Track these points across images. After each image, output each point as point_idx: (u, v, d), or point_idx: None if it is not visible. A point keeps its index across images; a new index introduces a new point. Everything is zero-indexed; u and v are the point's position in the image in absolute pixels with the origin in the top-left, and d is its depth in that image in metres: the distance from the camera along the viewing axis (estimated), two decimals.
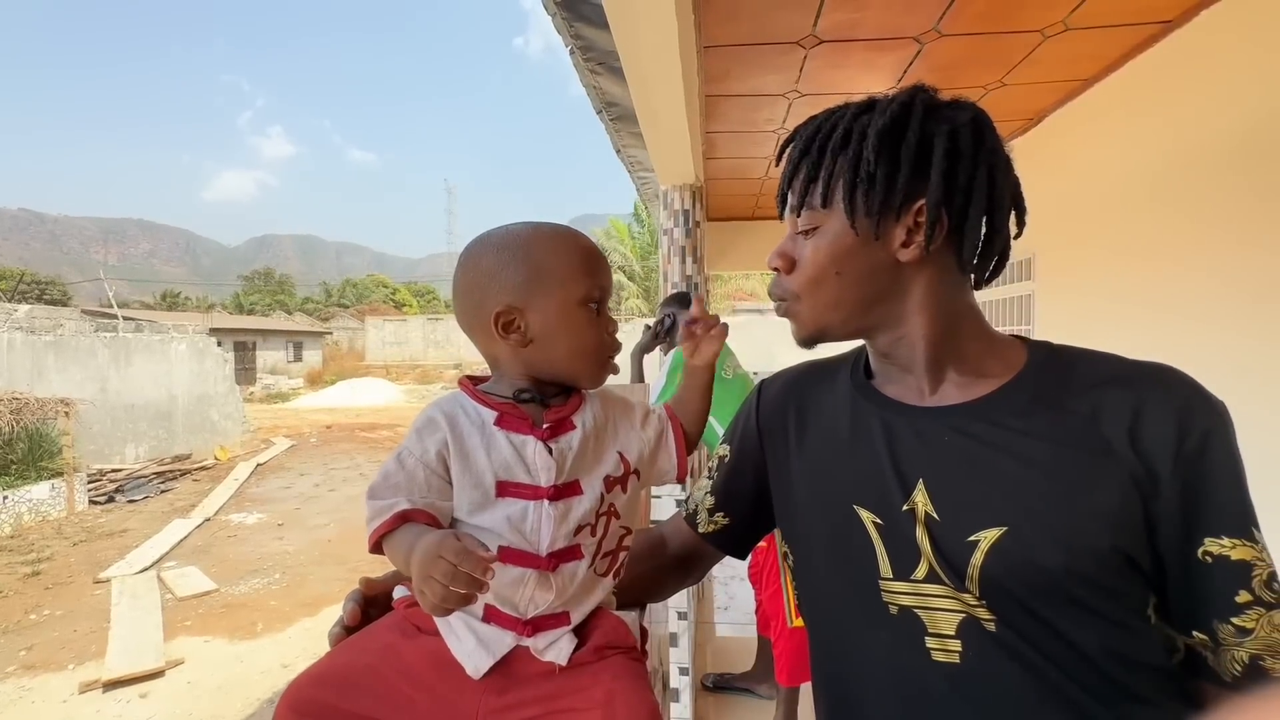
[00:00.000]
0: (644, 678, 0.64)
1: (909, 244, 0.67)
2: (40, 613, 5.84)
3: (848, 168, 0.67)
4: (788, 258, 0.73)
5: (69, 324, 10.82)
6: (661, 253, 4.31)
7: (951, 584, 0.62)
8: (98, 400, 10.59)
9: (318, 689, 0.60)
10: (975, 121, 0.67)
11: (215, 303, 53.62)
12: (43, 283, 40.86)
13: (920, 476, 0.66)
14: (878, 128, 0.65)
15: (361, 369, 29.03)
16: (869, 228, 0.66)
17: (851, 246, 0.68)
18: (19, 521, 8.29)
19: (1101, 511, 0.59)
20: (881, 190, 0.65)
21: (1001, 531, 0.60)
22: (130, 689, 4.52)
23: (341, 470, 11.60)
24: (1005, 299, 4.18)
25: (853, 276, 0.69)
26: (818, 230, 0.70)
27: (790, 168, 0.73)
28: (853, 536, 0.69)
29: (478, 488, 0.63)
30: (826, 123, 0.71)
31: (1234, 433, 0.61)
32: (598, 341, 0.68)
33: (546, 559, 0.62)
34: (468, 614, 0.63)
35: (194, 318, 23.32)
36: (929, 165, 0.65)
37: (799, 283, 0.72)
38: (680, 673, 2.25)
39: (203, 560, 7.02)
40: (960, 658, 0.62)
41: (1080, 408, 0.63)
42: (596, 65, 3.00)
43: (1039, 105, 3.42)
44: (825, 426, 0.77)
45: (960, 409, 0.67)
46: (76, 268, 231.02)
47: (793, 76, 3.02)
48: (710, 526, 0.88)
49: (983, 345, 0.70)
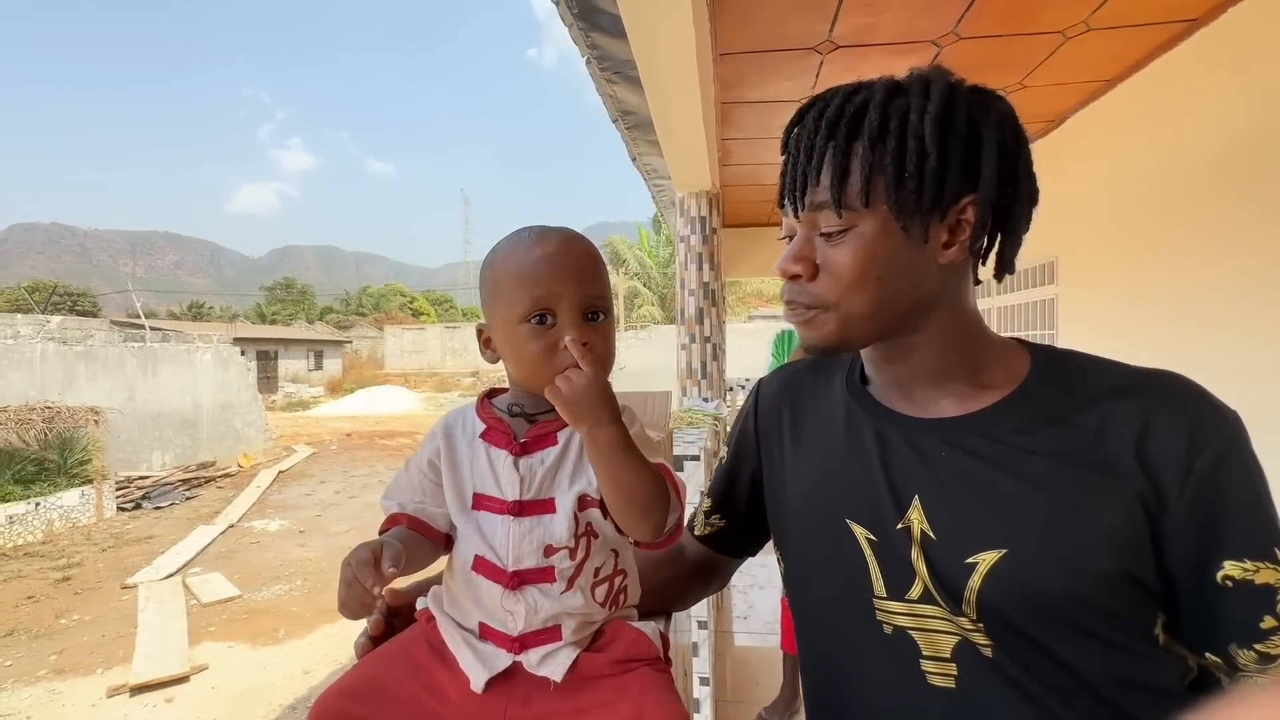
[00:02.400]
0: (671, 689, 0.63)
1: (951, 244, 0.61)
2: (70, 617, 5.96)
3: (891, 160, 0.59)
4: (809, 262, 0.63)
5: (98, 334, 11.08)
6: (679, 260, 4.32)
7: (947, 606, 0.59)
8: (126, 409, 10.83)
9: (346, 701, 0.61)
10: (1013, 113, 0.63)
11: (239, 313, 54.70)
12: (74, 294, 41.99)
13: (916, 493, 0.62)
14: (930, 115, 0.58)
15: (380, 377, 29.34)
16: (916, 226, 0.60)
17: (896, 249, 0.61)
18: (50, 528, 8.48)
19: (1106, 533, 0.55)
20: (933, 186, 0.58)
21: (1001, 554, 0.57)
22: (156, 694, 4.59)
23: (361, 477, 11.71)
24: (1028, 303, 4.12)
25: (893, 281, 0.61)
26: (851, 231, 0.61)
27: (810, 159, 0.62)
28: (845, 552, 0.66)
29: (458, 497, 0.66)
30: (849, 105, 0.61)
31: (1250, 446, 0.57)
32: (540, 356, 0.63)
33: (510, 576, 0.62)
34: (465, 631, 0.64)
35: (218, 327, 23.81)
36: (979, 159, 0.59)
37: (833, 290, 0.62)
38: (701, 683, 2.23)
39: (226, 566, 7.13)
40: (955, 682, 0.59)
41: (1085, 421, 0.59)
42: (613, 74, 3.02)
43: (1060, 107, 3.37)
44: (820, 433, 0.74)
45: (959, 422, 0.63)
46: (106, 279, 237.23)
47: (808, 82, 3.02)
48: (706, 529, 0.87)
49: (989, 353, 0.66)
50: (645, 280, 25.46)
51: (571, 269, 0.64)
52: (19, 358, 9.55)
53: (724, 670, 3.17)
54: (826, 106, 0.63)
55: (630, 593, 0.70)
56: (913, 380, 0.67)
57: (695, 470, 2.26)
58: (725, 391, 4.63)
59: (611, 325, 0.68)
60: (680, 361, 4.29)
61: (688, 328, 4.24)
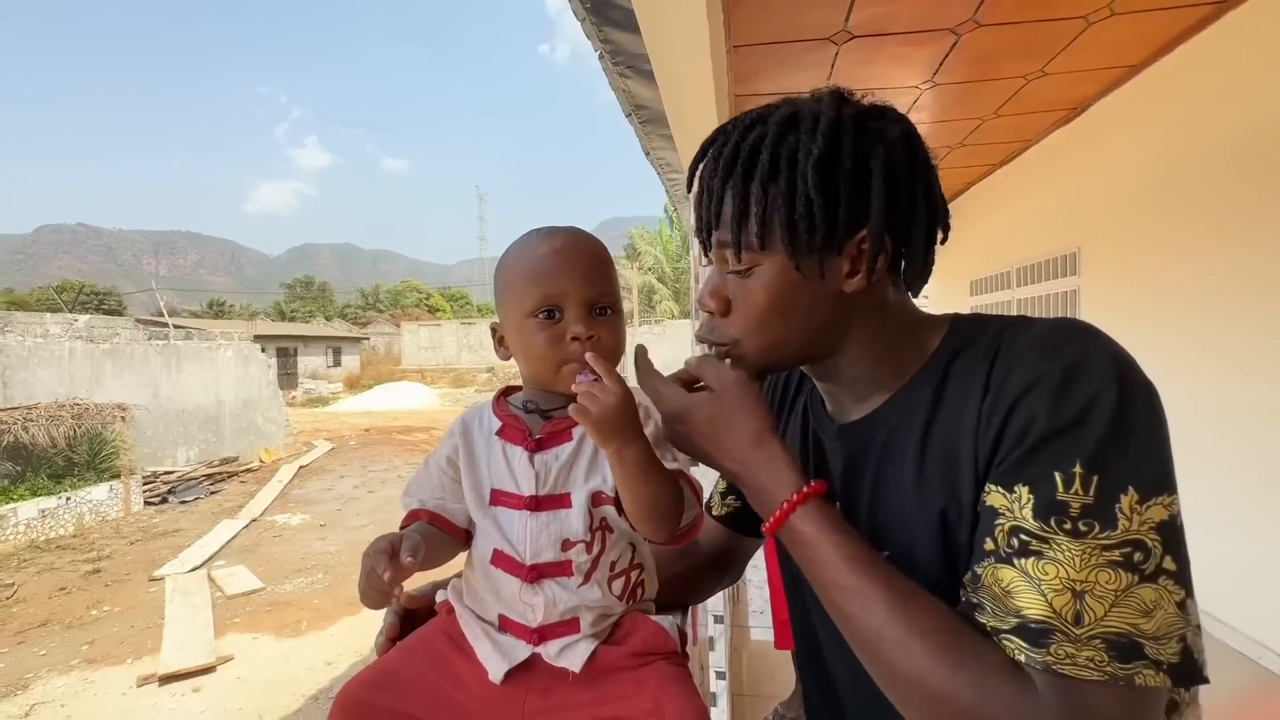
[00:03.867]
0: (689, 683, 0.64)
1: (854, 273, 0.61)
2: (100, 609, 6.12)
3: (783, 203, 0.59)
4: (721, 298, 0.65)
5: (124, 333, 11.32)
6: (692, 255, 4.30)
7: None
8: (151, 405, 11.06)
9: (369, 691, 0.63)
10: (906, 135, 0.62)
11: (259, 310, 55.55)
12: (100, 294, 42.93)
13: (837, 494, 0.67)
14: (814, 157, 0.58)
15: (398, 373, 29.66)
16: (813, 265, 0.60)
17: (794, 285, 0.61)
18: (80, 521, 8.71)
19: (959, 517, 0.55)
20: (823, 225, 0.59)
21: (884, 555, 0.59)
22: (184, 683, 4.70)
23: (380, 472, 11.87)
24: (1048, 295, 4.05)
25: (797, 316, 0.63)
26: (754, 271, 0.62)
27: (710, 199, 0.64)
28: None
29: (476, 493, 0.68)
30: (744, 143, 0.62)
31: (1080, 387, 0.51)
32: (547, 349, 0.65)
33: (528, 570, 0.64)
34: (485, 623, 0.66)
35: (239, 325, 24.19)
36: (868, 192, 0.59)
37: (739, 327, 0.64)
38: (717, 676, 2.24)
39: (250, 560, 7.27)
40: None
41: (953, 403, 0.58)
42: (626, 69, 3.01)
43: (1082, 94, 3.30)
44: (790, 428, 0.79)
45: (854, 427, 0.66)
46: (130, 279, 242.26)
47: (823, 74, 2.98)
48: (723, 509, 0.90)
49: (913, 348, 0.64)
50: (660, 275, 25.45)
51: (578, 266, 0.66)
52: (49, 356, 9.78)
53: (740, 664, 3.17)
54: (726, 143, 0.64)
55: (648, 586, 0.70)
56: (845, 391, 0.68)
57: None
58: None
59: (619, 321, 0.69)
60: (695, 355, 4.28)
61: None
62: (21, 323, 9.54)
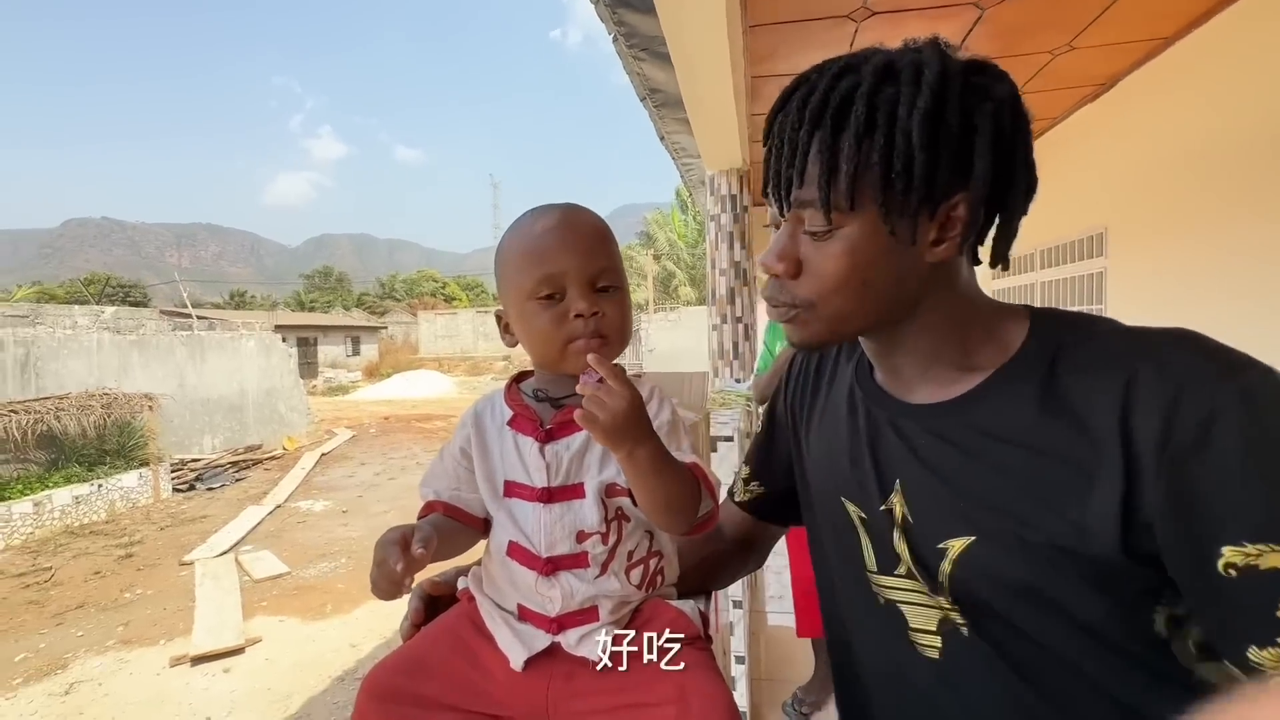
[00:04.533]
0: (714, 667, 0.63)
1: (940, 241, 0.57)
2: (134, 591, 6.31)
3: (879, 159, 0.54)
4: (792, 260, 0.61)
5: (149, 324, 11.56)
6: (709, 239, 4.26)
7: (926, 584, 0.61)
8: (177, 395, 11.30)
9: (395, 676, 0.63)
10: (1013, 94, 0.57)
11: (279, 301, 56.35)
12: (126, 286, 43.79)
13: (898, 477, 0.63)
14: (919, 110, 0.53)
15: (415, 362, 29.96)
16: (906, 229, 0.56)
17: (880, 250, 0.57)
18: (112, 508, 8.95)
19: (1080, 526, 0.52)
20: (923, 186, 0.54)
21: (969, 541, 0.57)
22: (215, 664, 4.84)
23: (399, 459, 12.04)
24: (1074, 277, 3.96)
25: (877, 282, 0.59)
26: (837, 232, 0.58)
27: (793, 153, 0.58)
28: (844, 528, 0.69)
29: (489, 484, 0.67)
30: (833, 92, 0.57)
31: (1261, 409, 0.47)
32: (551, 330, 0.64)
33: (544, 562, 0.63)
34: (504, 612, 0.66)
35: (260, 315, 24.56)
36: (971, 152, 0.55)
37: (814, 291, 0.60)
38: (736, 661, 2.25)
39: (275, 545, 7.44)
40: (940, 654, 0.61)
41: (1069, 401, 0.55)
42: (640, 51, 2.97)
43: (1112, 69, 3.19)
44: (830, 409, 0.75)
45: (941, 408, 0.62)
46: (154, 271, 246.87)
47: (842, 52, 2.91)
48: (746, 495, 0.89)
49: (981, 332, 0.62)
50: (676, 260, 25.34)
51: (574, 242, 0.64)
52: (78, 347, 10.02)
53: (758, 649, 3.18)
54: (811, 93, 0.58)
55: (668, 573, 0.70)
56: (903, 366, 0.66)
57: (730, 451, 2.26)
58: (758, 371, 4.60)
59: (624, 297, 0.67)
60: (713, 342, 4.26)
61: (719, 308, 4.20)
62: (51, 315, 9.78)
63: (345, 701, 4.32)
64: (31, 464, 8.62)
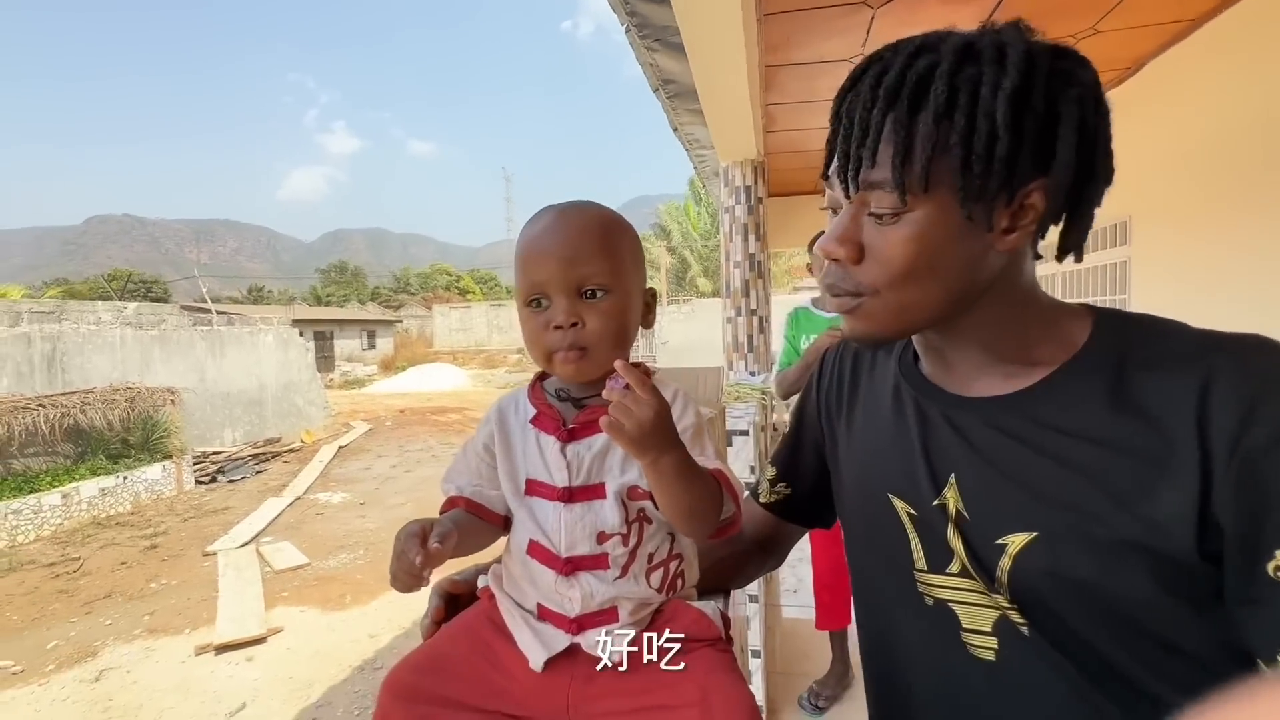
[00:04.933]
0: (735, 670, 0.63)
1: (1012, 230, 0.55)
2: (159, 581, 6.45)
3: (959, 141, 0.52)
4: (854, 244, 0.58)
5: (170, 319, 11.74)
6: (723, 231, 4.24)
7: (983, 582, 0.59)
8: (198, 389, 11.49)
9: (416, 675, 0.63)
10: (1096, 81, 0.55)
11: (295, 295, 56.99)
12: (147, 282, 44.56)
13: (953, 471, 0.61)
14: (1005, 91, 0.51)
15: (430, 355, 30.20)
16: (982, 214, 0.54)
17: (952, 235, 0.55)
18: (137, 499, 9.15)
19: (1152, 523, 0.51)
20: (1003, 171, 0.52)
21: (1030, 537, 0.56)
22: (238, 653, 4.94)
23: (415, 452, 12.16)
24: (1096, 267, 3.88)
25: (946, 270, 0.56)
26: (906, 216, 0.55)
27: (864, 134, 0.56)
28: (888, 525, 0.66)
29: (511, 482, 0.67)
30: (911, 71, 0.54)
31: None
32: (536, 338, 0.65)
33: (564, 562, 0.63)
34: (524, 611, 0.65)
35: (277, 310, 24.86)
36: (1054, 139, 0.53)
37: (878, 277, 0.57)
38: (753, 655, 2.25)
39: (295, 536, 7.56)
40: (996, 655, 0.59)
41: (1140, 398, 0.54)
42: (653, 42, 2.94)
43: (1137, 52, 3.12)
44: (871, 405, 0.73)
45: (1002, 401, 0.60)
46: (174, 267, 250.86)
47: (858, 40, 2.87)
48: (771, 496, 0.87)
49: (1042, 327, 0.61)
50: (690, 251, 25.25)
51: (558, 248, 0.63)
52: (101, 342, 10.21)
53: (774, 643, 3.18)
54: (885, 71, 0.56)
55: (688, 575, 0.69)
56: (959, 361, 0.64)
57: (744, 445, 2.25)
58: (772, 365, 4.57)
59: (614, 302, 0.64)
60: (727, 335, 4.24)
61: (733, 301, 4.18)
62: (75, 311, 9.97)
63: (365, 690, 4.39)
64: (59, 457, 8.82)
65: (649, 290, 0.70)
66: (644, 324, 0.69)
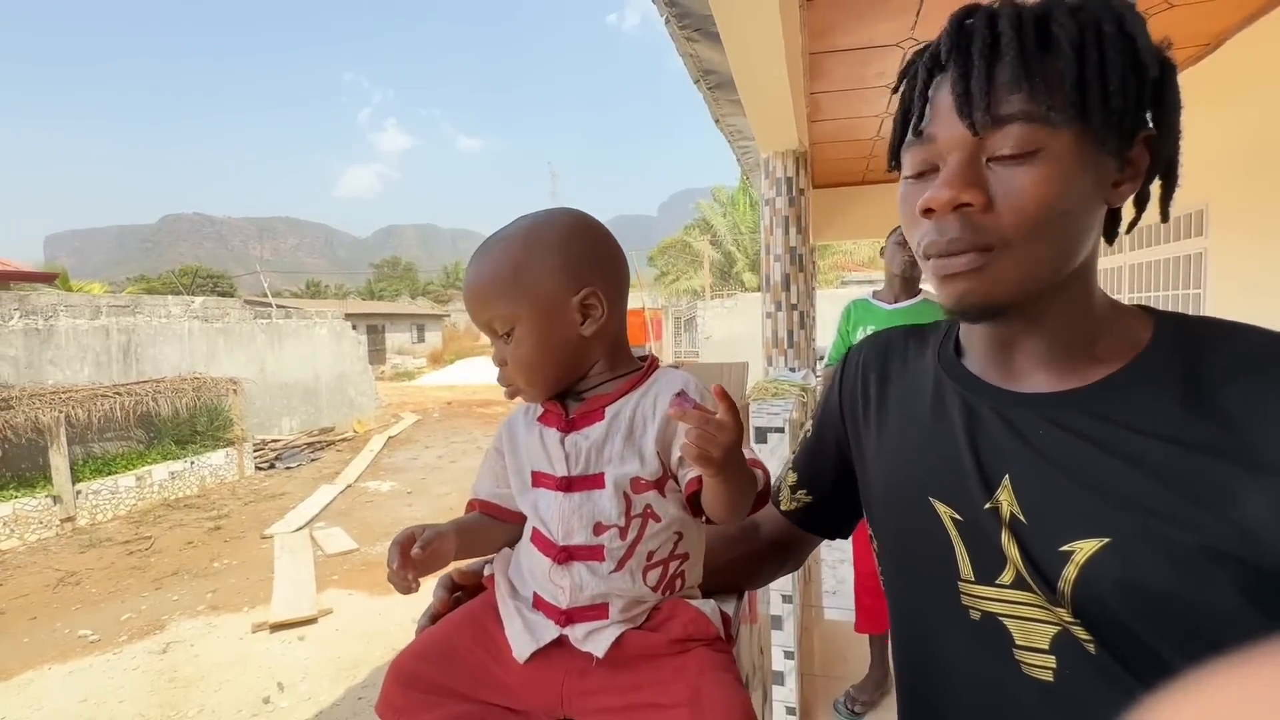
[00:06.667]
0: (731, 670, 0.61)
1: (1120, 184, 0.54)
2: (221, 561, 6.80)
3: (1096, 70, 0.50)
4: (980, 189, 0.51)
5: (234, 313, 12.32)
6: (763, 224, 4.15)
7: (1043, 594, 0.53)
8: (258, 379, 12.04)
9: (419, 663, 0.65)
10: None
11: (350, 290, 59.15)
12: (215, 277, 47.06)
13: (1007, 472, 0.57)
14: (1131, 30, 0.51)
15: (477, 349, 30.85)
16: (1112, 154, 0.52)
17: (1085, 179, 0.52)
18: (203, 483, 9.68)
19: (1235, 530, 0.46)
20: (1133, 110, 0.51)
21: (1102, 544, 0.50)
22: (291, 632, 5.16)
23: (461, 444, 12.45)
24: (1166, 259, 3.63)
25: (1077, 221, 0.53)
26: (1041, 153, 0.50)
27: (989, 65, 0.51)
28: (929, 532, 0.61)
29: (519, 477, 0.69)
30: (1022, 15, 0.52)
31: None
32: None
33: (559, 550, 0.63)
34: (520, 600, 0.66)
35: (332, 304, 25.83)
36: (1164, 89, 0.53)
37: (1015, 223, 0.51)
38: (785, 656, 2.20)
39: (345, 522, 7.84)
40: (1054, 675, 0.54)
41: (1219, 400, 0.50)
42: (693, 32, 2.90)
43: (1218, 27, 2.89)
44: (905, 404, 0.69)
45: (1061, 397, 0.56)
46: (239, 263, 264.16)
47: (908, 22, 2.75)
48: (792, 504, 0.83)
49: (1105, 322, 0.58)
50: (737, 245, 25.00)
51: (469, 296, 0.67)
52: (171, 334, 10.82)
53: (810, 644, 3.12)
54: (994, 15, 0.53)
55: (689, 576, 0.67)
56: (1019, 351, 0.59)
57: (780, 442, 2.20)
58: (814, 361, 4.47)
59: (525, 334, 0.65)
60: (766, 330, 4.16)
61: (774, 295, 4.10)
62: (148, 305, 10.57)
63: None
64: (133, 442, 9.40)
65: (587, 292, 0.65)
66: (587, 329, 0.65)
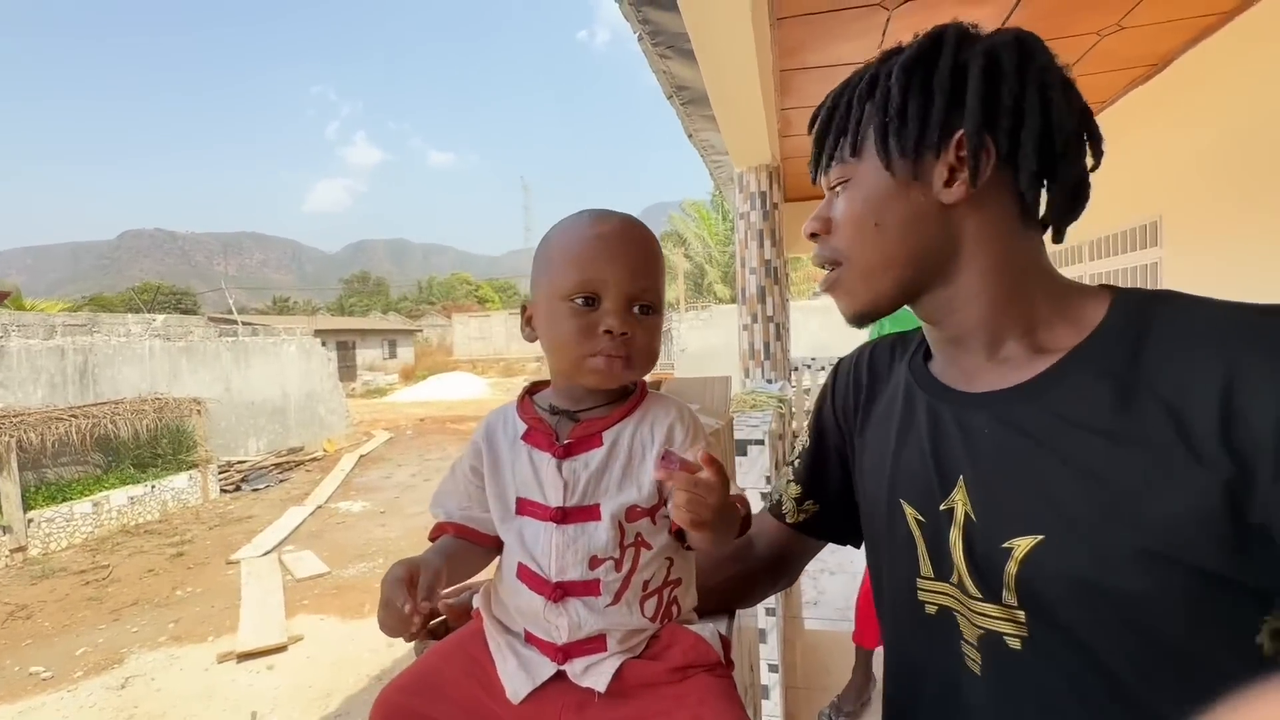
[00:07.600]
0: (732, 696, 0.59)
1: (952, 182, 0.59)
2: (184, 589, 6.54)
3: (876, 111, 0.61)
4: (822, 219, 0.67)
5: (197, 331, 12.01)
6: (738, 237, 4.20)
7: (980, 590, 0.57)
8: (223, 399, 11.71)
9: (406, 696, 0.61)
10: (1020, 41, 0.59)
11: (319, 306, 58.04)
12: (177, 294, 45.74)
13: (961, 474, 0.59)
14: (902, 61, 0.60)
15: (450, 364, 30.48)
16: (906, 169, 0.60)
17: (888, 191, 0.61)
18: (165, 508, 9.33)
19: (1171, 524, 0.47)
20: (916, 125, 0.59)
21: (1036, 541, 0.53)
22: (259, 661, 4.98)
23: (435, 461, 12.24)
24: (1125, 269, 3.77)
25: (895, 227, 0.61)
26: (850, 182, 0.64)
27: (820, 128, 0.67)
28: (899, 533, 0.65)
29: (500, 501, 0.64)
30: (854, 77, 0.66)
31: None
32: (575, 336, 0.60)
33: (553, 587, 0.59)
34: (511, 636, 0.62)
35: (300, 321, 25.30)
36: (965, 92, 0.58)
37: (840, 240, 0.65)
38: (770, 670, 2.19)
39: (316, 545, 7.63)
40: (980, 669, 0.58)
41: (1158, 385, 0.50)
42: (666, 49, 2.93)
43: (1164, 48, 3.03)
44: (883, 410, 0.73)
45: (1010, 393, 0.58)
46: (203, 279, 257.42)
47: (874, 42, 2.83)
48: (800, 516, 0.84)
49: (1052, 307, 0.59)
50: (708, 258, 25.23)
51: (626, 255, 0.61)
52: (131, 354, 10.46)
53: (794, 657, 3.11)
54: (840, 85, 0.67)
55: (683, 602, 0.65)
56: (965, 344, 0.63)
57: (760, 454, 2.20)
58: (790, 372, 4.51)
59: (658, 322, 0.63)
60: (742, 342, 4.20)
61: (749, 307, 4.14)
62: (106, 323, 10.23)
63: None
64: (90, 466, 9.03)
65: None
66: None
